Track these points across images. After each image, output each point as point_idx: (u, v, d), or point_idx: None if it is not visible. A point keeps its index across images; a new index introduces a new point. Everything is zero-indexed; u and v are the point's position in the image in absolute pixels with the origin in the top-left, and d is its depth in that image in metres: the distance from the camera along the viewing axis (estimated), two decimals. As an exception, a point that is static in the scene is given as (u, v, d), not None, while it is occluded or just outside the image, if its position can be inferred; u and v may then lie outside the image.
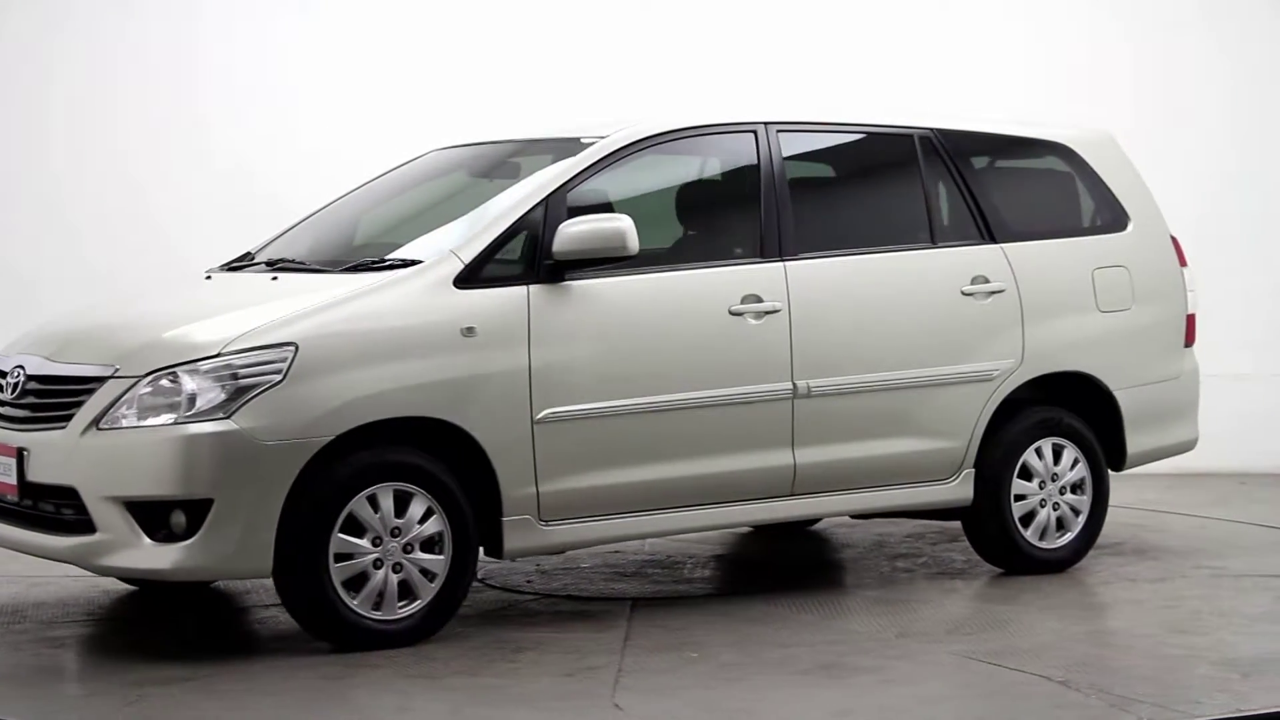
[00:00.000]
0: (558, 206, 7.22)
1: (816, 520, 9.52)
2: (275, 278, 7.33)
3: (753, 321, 7.49)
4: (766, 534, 9.56)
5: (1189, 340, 8.83)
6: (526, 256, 7.15)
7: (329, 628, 6.71)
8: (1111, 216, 8.64)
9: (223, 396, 6.50)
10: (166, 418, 6.50)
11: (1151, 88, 11.84)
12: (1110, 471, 8.63)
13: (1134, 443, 8.58)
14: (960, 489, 8.08)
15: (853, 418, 7.76)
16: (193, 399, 6.50)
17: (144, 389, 6.55)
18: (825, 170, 8.35)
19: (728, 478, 7.48)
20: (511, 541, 7.05)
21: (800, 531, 9.59)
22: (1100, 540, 9.00)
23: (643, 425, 7.27)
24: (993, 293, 8.11)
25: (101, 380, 6.66)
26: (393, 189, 8.25)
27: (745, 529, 9.64)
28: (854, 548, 9.15)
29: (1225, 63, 11.88)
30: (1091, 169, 8.66)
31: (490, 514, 7.02)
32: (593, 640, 6.92)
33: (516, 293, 7.05)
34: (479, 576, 8.27)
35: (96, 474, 6.57)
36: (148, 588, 7.92)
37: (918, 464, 7.95)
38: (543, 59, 11.96)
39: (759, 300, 7.52)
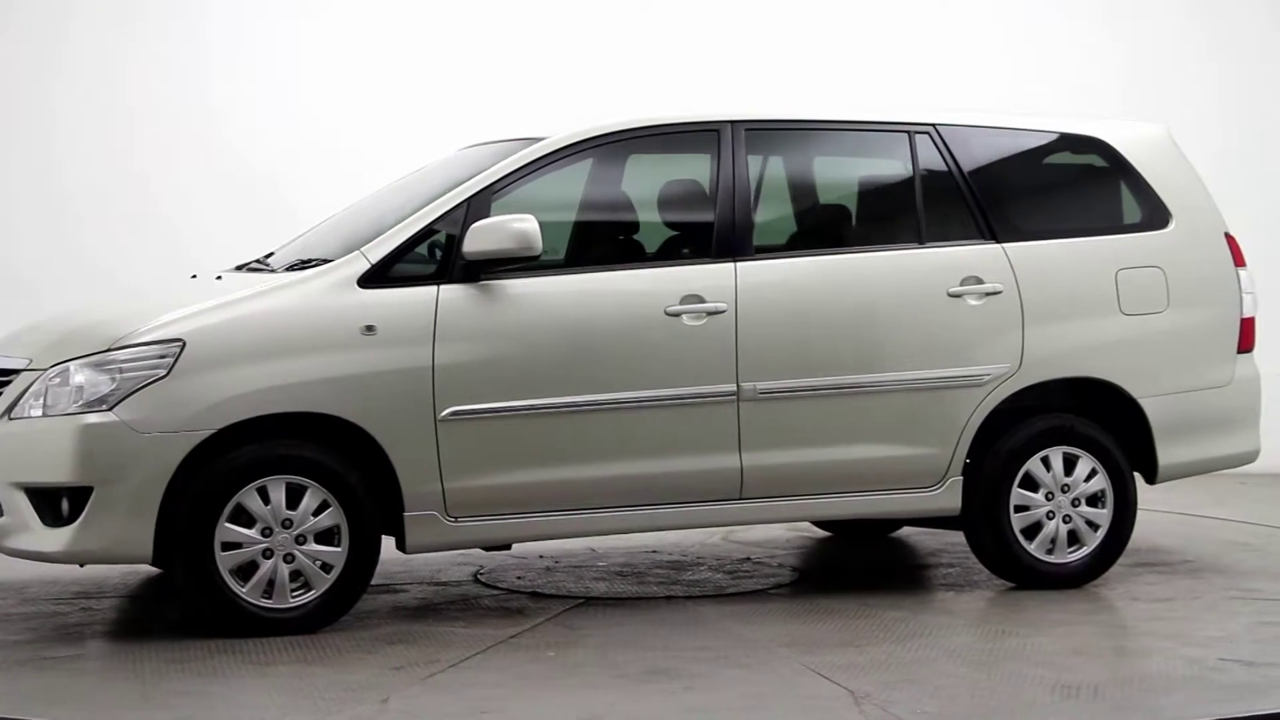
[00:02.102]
0: (481, 208, 7.30)
1: (898, 526, 9.31)
2: (220, 277, 7.63)
3: (690, 322, 7.40)
4: (842, 538, 9.41)
5: (1245, 345, 8.27)
6: (443, 257, 7.25)
7: (219, 613, 6.96)
8: (1150, 215, 8.17)
9: (107, 389, 6.83)
10: (59, 409, 6.87)
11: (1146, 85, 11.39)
12: (1148, 485, 8.23)
13: (1168, 454, 8.09)
14: (945, 498, 7.79)
15: (810, 421, 7.57)
16: (80, 391, 6.86)
17: (46, 381, 6.94)
18: (802, 170, 8.15)
19: (663, 479, 7.41)
20: (414, 537, 7.17)
21: (878, 535, 9.39)
22: (1157, 552, 8.62)
23: (562, 425, 7.27)
24: (988, 294, 7.78)
25: (18, 372, 7.09)
26: (420, 187, 8.42)
27: (824, 533, 9.53)
28: (914, 554, 8.95)
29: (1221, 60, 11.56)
30: (1131, 165, 8.20)
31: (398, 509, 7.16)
32: (479, 636, 6.99)
33: (425, 292, 7.17)
34: (476, 574, 8.40)
35: (5, 460, 7.00)
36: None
37: (893, 470, 7.70)
38: (560, 57, 12.02)
39: (700, 300, 7.42)
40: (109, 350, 6.89)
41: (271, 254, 8.23)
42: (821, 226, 8.07)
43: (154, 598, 8.02)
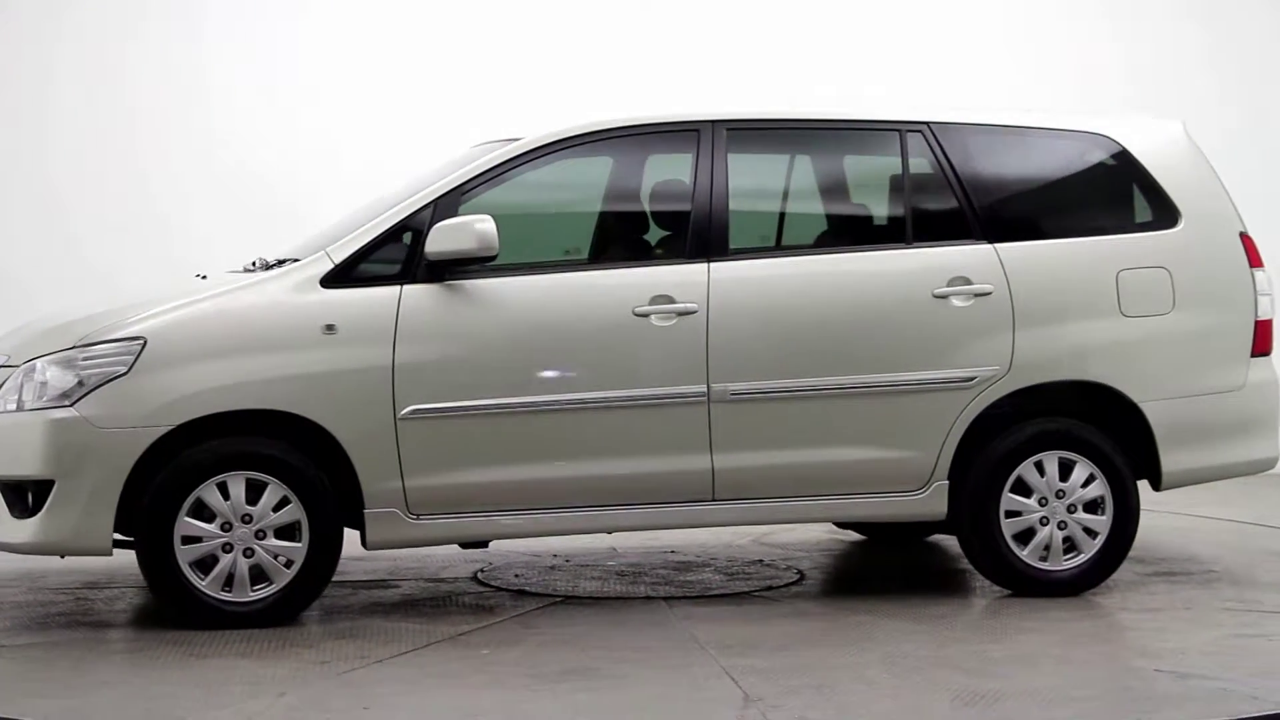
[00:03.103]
0: (449, 209, 7.35)
1: (930, 531, 9.16)
2: (204, 276, 7.79)
3: (659, 323, 7.37)
4: (877, 541, 9.31)
5: (1260, 348, 7.99)
6: (407, 257, 7.32)
7: (181, 605, 7.13)
8: (1158, 214, 7.94)
9: (70, 385, 7.04)
10: (28, 404, 7.09)
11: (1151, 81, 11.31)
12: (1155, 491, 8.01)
13: (1173, 460, 7.84)
14: (930, 502, 7.65)
15: (785, 424, 7.49)
16: (46, 387, 7.07)
17: (18, 377, 7.17)
18: (786, 171, 8.06)
19: (632, 480, 7.40)
20: (375, 533, 7.26)
21: (913, 539, 9.26)
22: (1186, 561, 8.47)
23: (526, 425, 7.29)
24: (977, 295, 7.63)
25: (-2, 369, 7.34)
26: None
27: (857, 536, 9.44)
28: (944, 558, 8.86)
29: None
30: (1139, 163, 7.97)
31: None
32: (428, 633, 7.07)
33: (387, 292, 7.25)
34: (477, 572, 8.46)
35: (-16, 454, 7.25)
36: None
37: (874, 474, 7.58)
38: (556, 55, 11.98)
39: (671, 301, 7.39)
40: (73, 348, 7.09)
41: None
42: (804, 227, 8.00)
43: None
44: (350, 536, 7.34)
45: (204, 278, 7.76)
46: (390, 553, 8.82)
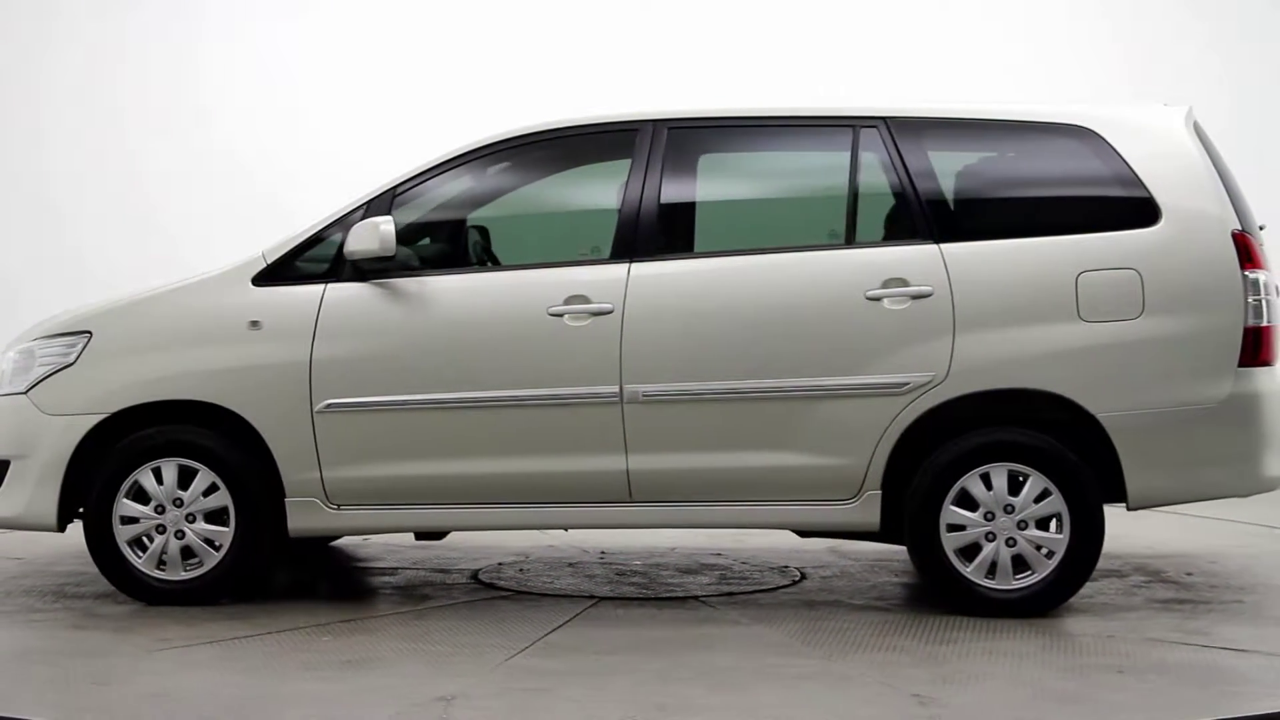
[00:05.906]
0: (379, 211, 7.62)
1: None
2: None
3: (572, 323, 7.42)
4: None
5: (1255, 357, 7.30)
6: (335, 257, 7.63)
7: (120, 580, 7.69)
8: (1134, 211, 7.37)
9: (27, 374, 7.71)
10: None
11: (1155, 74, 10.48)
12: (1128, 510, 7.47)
13: (1141, 477, 7.27)
14: (862, 512, 7.38)
15: (702, 426, 7.38)
16: (10, 375, 7.78)
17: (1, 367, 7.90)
18: (726, 170, 7.89)
19: (548, 478, 7.46)
20: (295, 521, 7.60)
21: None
22: (1222, 588, 8.07)
23: (439, 421, 7.47)
24: (914, 297, 7.32)
25: (-12, 363, 8.10)
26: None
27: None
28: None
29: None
30: (1119, 156, 7.42)
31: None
32: (308, 617, 7.37)
33: (311, 290, 7.59)
34: (475, 574, 8.62)
35: (-23, 437, 8.02)
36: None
37: (799, 480, 7.37)
38: (547, 56, 11.67)
39: (586, 301, 7.43)
40: (34, 340, 7.76)
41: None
42: (740, 228, 7.83)
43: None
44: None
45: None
46: (439, 540, 9.09)
